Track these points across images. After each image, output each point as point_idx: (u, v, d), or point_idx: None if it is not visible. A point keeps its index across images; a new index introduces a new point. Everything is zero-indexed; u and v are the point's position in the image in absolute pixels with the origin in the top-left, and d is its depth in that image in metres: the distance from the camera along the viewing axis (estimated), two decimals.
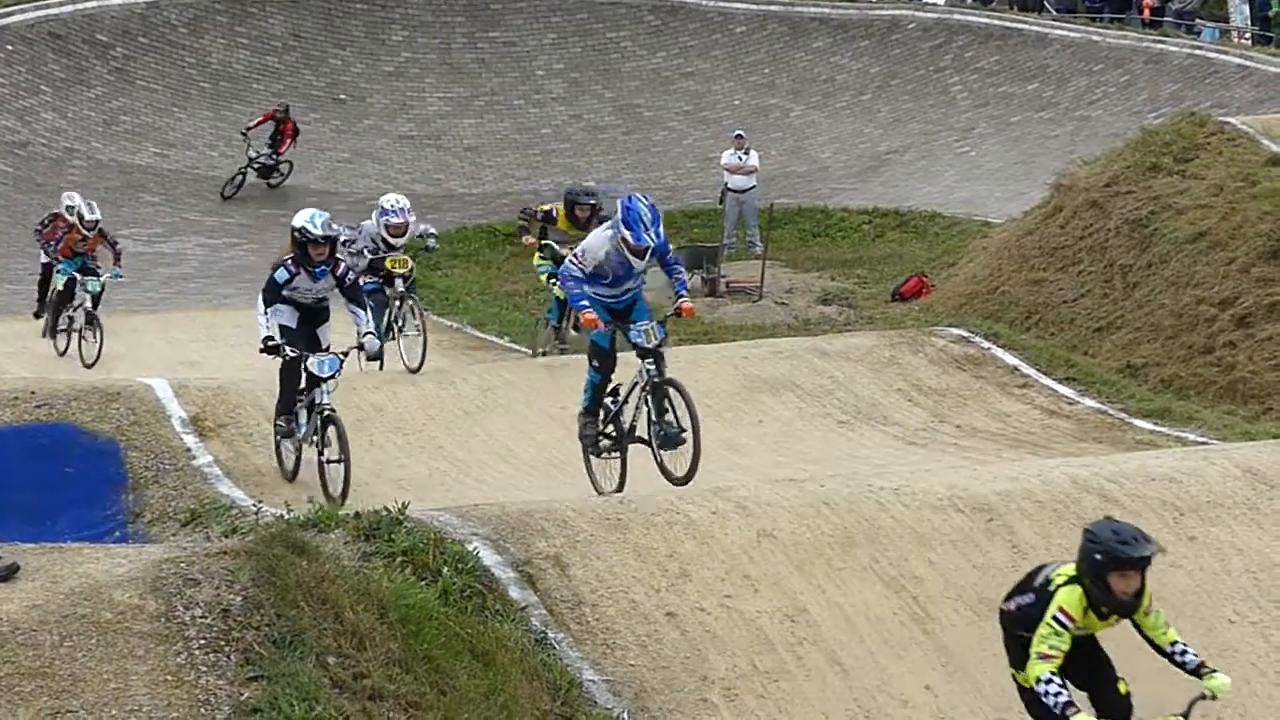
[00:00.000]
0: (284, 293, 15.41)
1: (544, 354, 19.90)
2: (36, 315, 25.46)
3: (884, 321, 23.87)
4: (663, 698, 10.64)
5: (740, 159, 30.39)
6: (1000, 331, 20.30)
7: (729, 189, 30.43)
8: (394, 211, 19.22)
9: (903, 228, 31.57)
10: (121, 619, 9.26)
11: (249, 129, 35.05)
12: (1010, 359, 19.33)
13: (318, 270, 15.40)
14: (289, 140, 35.23)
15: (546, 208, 19.89)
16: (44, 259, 25.46)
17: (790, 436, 17.32)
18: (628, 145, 38.52)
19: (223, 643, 9.26)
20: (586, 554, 11.44)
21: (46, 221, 25.46)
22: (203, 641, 9.25)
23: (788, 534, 11.86)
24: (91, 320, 23.44)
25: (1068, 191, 23.05)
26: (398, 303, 19.27)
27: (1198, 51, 36.23)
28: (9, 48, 37.33)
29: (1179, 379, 19.58)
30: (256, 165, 34.92)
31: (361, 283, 16.89)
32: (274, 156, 35.06)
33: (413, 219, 19.52)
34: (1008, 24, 39.19)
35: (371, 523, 11.32)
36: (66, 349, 23.99)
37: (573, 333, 18.95)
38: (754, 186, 30.46)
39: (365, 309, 15.77)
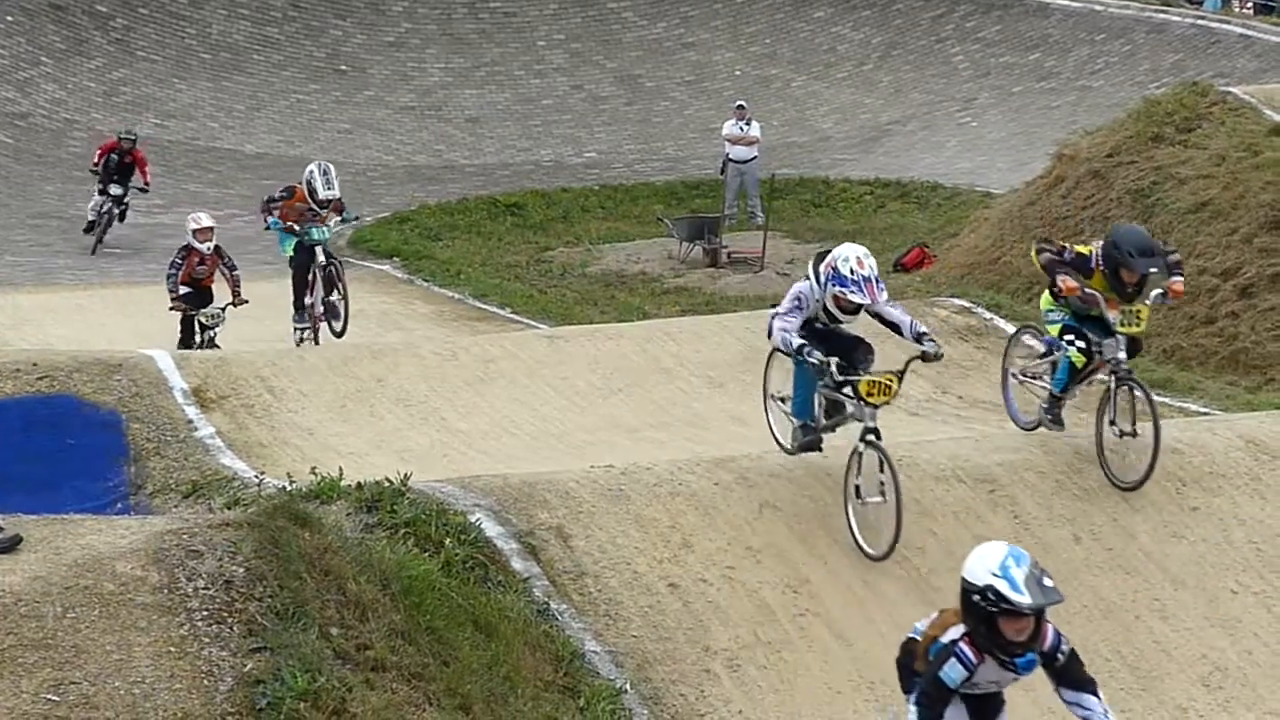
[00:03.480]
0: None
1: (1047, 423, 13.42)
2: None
3: (886, 292, 23.82)
4: (665, 669, 10.65)
5: (742, 129, 30.36)
6: (1002, 302, 20.26)
7: (730, 159, 30.39)
8: (853, 283, 12.41)
9: (904, 198, 31.54)
10: (124, 590, 9.26)
11: (96, 164, 30.06)
12: (1012, 330, 19.29)
13: (1021, 661, 8.35)
14: (145, 169, 30.19)
15: (1083, 251, 13.24)
16: (174, 292, 21.01)
17: None
18: (629, 116, 38.48)
19: (225, 614, 9.26)
20: (589, 525, 11.44)
21: (180, 259, 21.09)
22: (205, 613, 9.25)
23: (790, 505, 11.86)
24: (336, 277, 19.57)
25: (1070, 162, 23.00)
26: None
27: (1200, 21, 36.16)
28: (9, 19, 37.29)
29: (1181, 349, 19.57)
30: (121, 205, 29.76)
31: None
32: (142, 188, 30.09)
33: (883, 293, 12.69)
34: None
35: (374, 494, 11.32)
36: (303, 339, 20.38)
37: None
38: (755, 157, 30.42)
39: (1097, 692, 8.59)
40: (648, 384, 17.60)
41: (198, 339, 20.72)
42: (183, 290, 20.86)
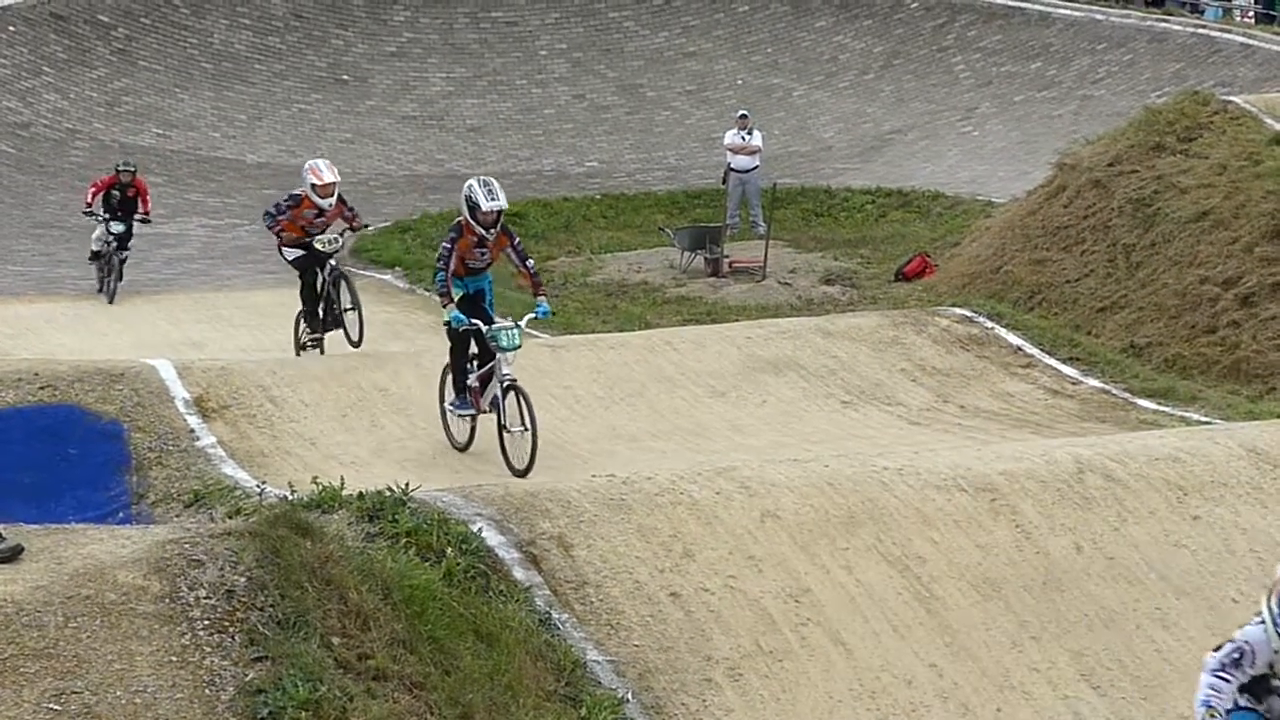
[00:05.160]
0: None
1: None
2: (303, 345, 18.95)
3: (887, 301, 23.87)
4: (667, 678, 10.65)
5: (743, 139, 30.36)
6: (1003, 311, 20.30)
7: (732, 169, 30.39)
8: None
9: (906, 207, 31.56)
10: (126, 600, 9.27)
11: (89, 205, 26.47)
12: (1013, 339, 19.33)
13: None
14: (147, 198, 26.76)
15: None
16: (288, 253, 18.69)
17: (794, 417, 17.32)
18: (630, 125, 38.50)
19: (227, 623, 9.27)
20: (590, 534, 11.44)
21: (287, 205, 18.57)
22: (207, 622, 9.25)
23: (791, 514, 11.86)
24: (519, 399, 15.32)
25: (1071, 171, 23.03)
26: None
27: (1201, 30, 36.20)
28: (11, 29, 37.31)
29: (1182, 359, 19.58)
30: (124, 247, 26.16)
31: None
32: (143, 219, 26.60)
33: None
34: (1010, 3, 39.15)
35: (375, 503, 11.32)
36: (470, 440, 15.92)
37: None
38: (757, 166, 30.42)
39: None
40: (649, 393, 17.62)
41: (321, 281, 18.56)
42: (290, 255, 18.70)
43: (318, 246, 18.55)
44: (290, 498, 11.58)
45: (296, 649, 9.19)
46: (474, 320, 15.60)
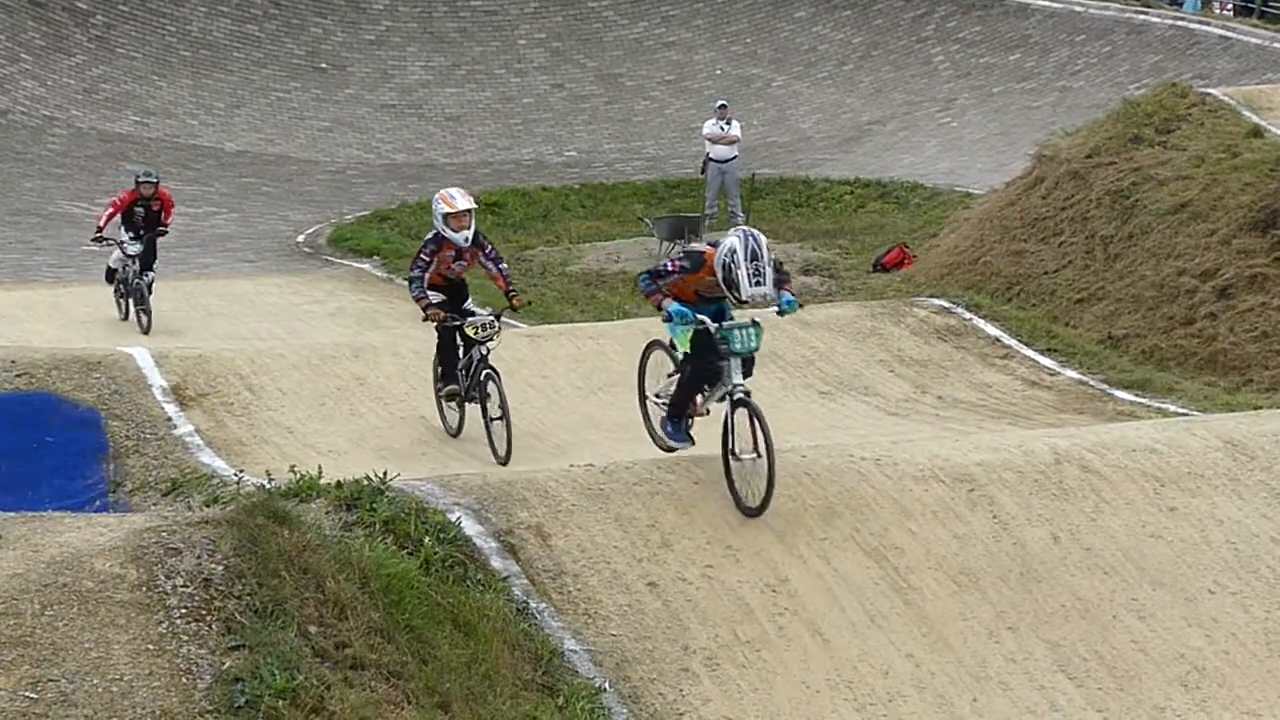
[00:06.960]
0: None
1: None
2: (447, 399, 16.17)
3: (865, 292, 23.88)
4: (644, 667, 10.65)
5: (722, 129, 30.37)
6: (982, 302, 20.31)
7: (711, 159, 30.40)
8: None
9: (884, 198, 31.60)
10: (103, 588, 9.24)
11: (100, 230, 23.28)
12: (991, 330, 19.35)
13: None
14: (171, 210, 23.65)
15: None
16: (422, 299, 15.82)
17: (772, 407, 17.23)
18: (609, 115, 38.49)
19: (204, 612, 9.25)
20: (568, 524, 11.45)
21: (429, 255, 15.90)
22: (184, 610, 9.23)
23: (770, 504, 11.85)
24: (752, 419, 12.07)
25: (1049, 162, 23.06)
26: None
27: (1179, 23, 36.29)
28: None
29: (1160, 350, 19.61)
30: (148, 270, 22.87)
31: None
32: (161, 231, 23.25)
33: None
34: None
35: (353, 492, 11.30)
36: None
37: None
38: (736, 156, 30.44)
39: None
40: (628, 383, 17.58)
41: (464, 360, 15.94)
42: (431, 298, 15.87)
43: (469, 332, 15.77)
44: (268, 486, 11.56)
45: (274, 637, 9.17)
46: (702, 317, 12.27)
